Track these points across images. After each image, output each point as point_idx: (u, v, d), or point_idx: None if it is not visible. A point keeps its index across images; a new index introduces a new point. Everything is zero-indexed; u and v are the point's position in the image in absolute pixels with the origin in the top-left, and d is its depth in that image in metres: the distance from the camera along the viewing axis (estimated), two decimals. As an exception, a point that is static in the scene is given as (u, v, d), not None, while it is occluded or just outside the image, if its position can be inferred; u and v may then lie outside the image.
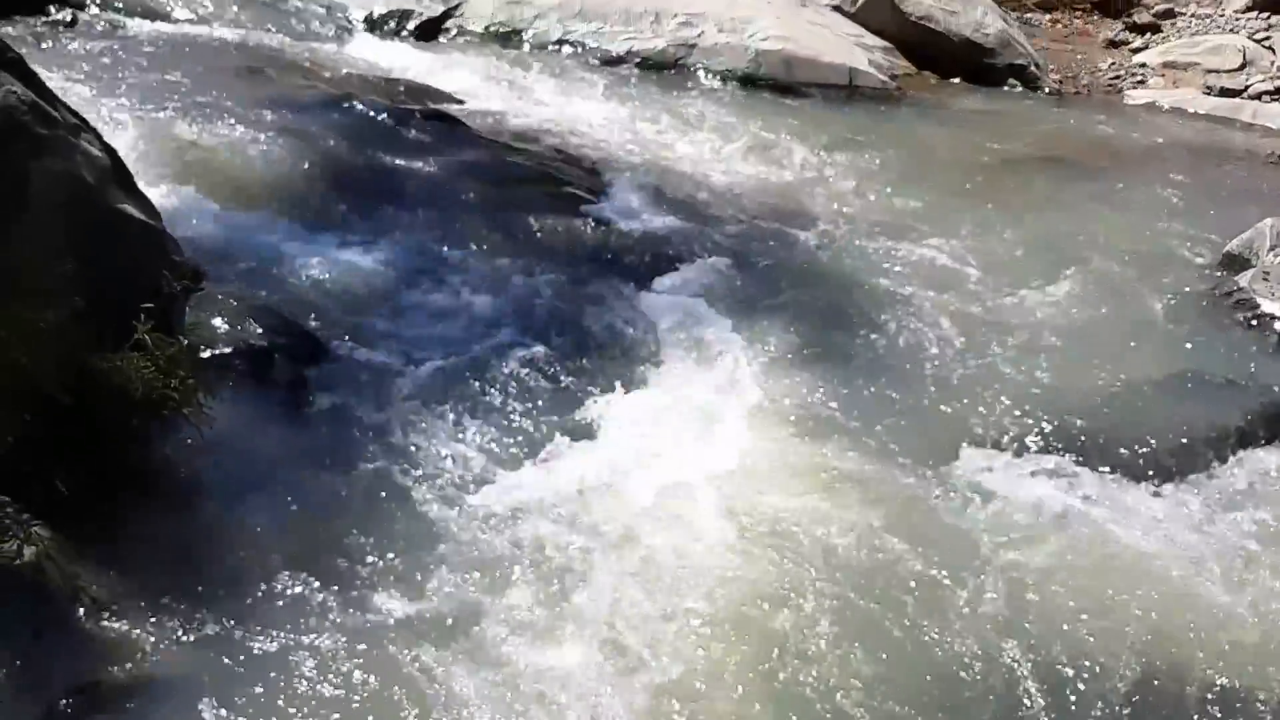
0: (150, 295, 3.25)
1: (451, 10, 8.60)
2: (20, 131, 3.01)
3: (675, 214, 5.59)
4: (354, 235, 4.77)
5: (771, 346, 4.40)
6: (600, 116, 7.17)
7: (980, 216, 6.00)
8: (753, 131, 7.14)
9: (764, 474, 3.63)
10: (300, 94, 6.25)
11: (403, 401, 3.70)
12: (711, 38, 8.42)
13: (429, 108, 6.55)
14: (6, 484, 2.66)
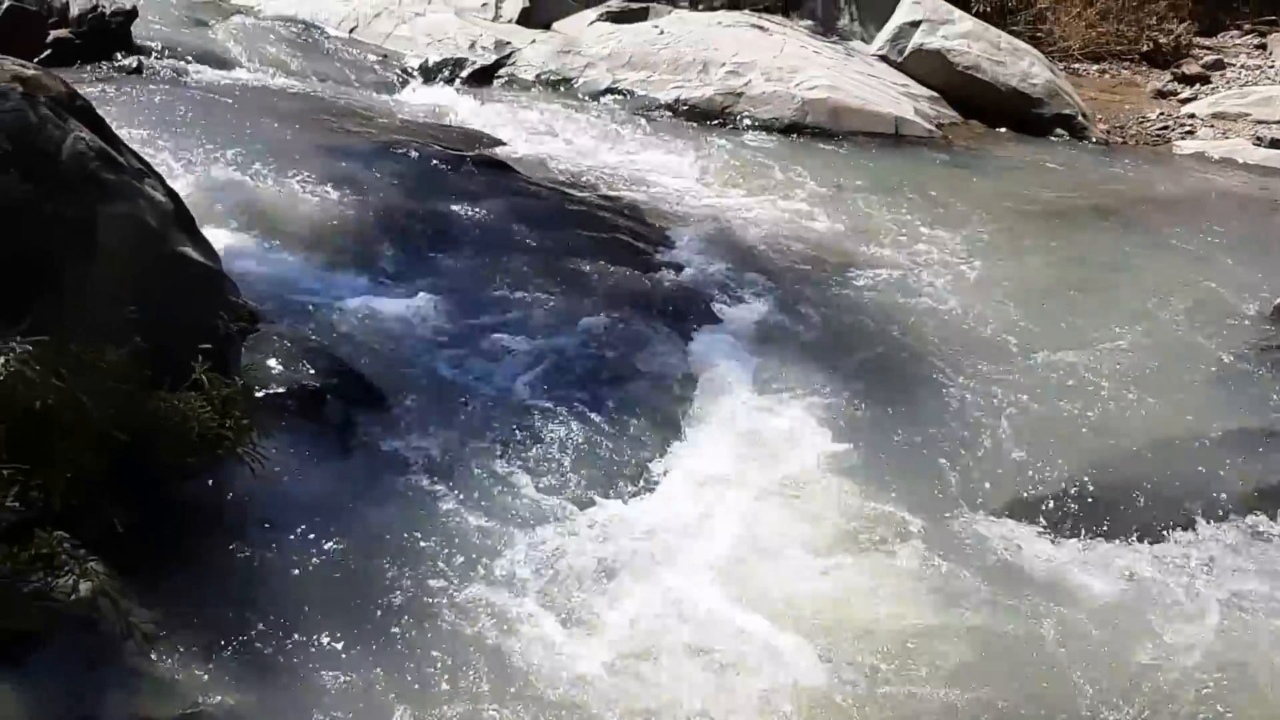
0: (208, 336, 3.34)
1: (504, 59, 8.77)
2: (88, 178, 3.13)
3: (723, 259, 5.62)
4: (406, 279, 4.84)
5: (819, 397, 4.40)
6: (649, 163, 7.25)
7: (1027, 266, 5.99)
8: (800, 179, 7.19)
9: (809, 532, 3.61)
10: (356, 141, 6.39)
11: (451, 444, 3.74)
12: (759, 86, 8.50)
13: (480, 154, 6.67)
14: (65, 520, 2.72)
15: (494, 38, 8.97)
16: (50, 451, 2.68)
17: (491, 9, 9.58)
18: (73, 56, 6.85)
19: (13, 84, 3.09)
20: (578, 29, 9.52)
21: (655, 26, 9.29)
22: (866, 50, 9.63)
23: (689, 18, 9.56)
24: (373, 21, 9.12)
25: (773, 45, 8.96)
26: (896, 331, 5.05)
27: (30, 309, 2.85)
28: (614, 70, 8.77)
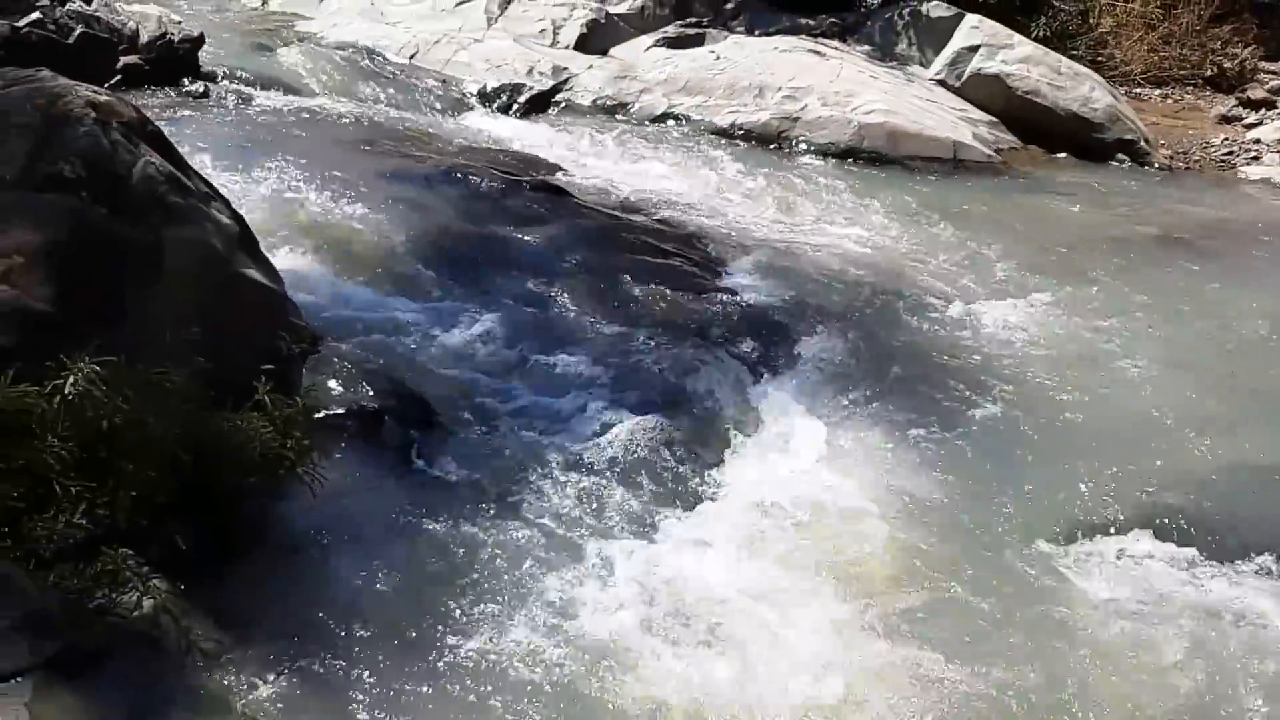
0: (270, 357, 3.39)
1: (561, 85, 8.83)
2: (157, 201, 3.19)
3: (779, 285, 5.59)
4: (463, 302, 4.88)
5: (876, 424, 4.36)
6: (704, 188, 7.26)
7: (1089, 293, 5.89)
8: (856, 204, 7.15)
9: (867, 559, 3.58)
10: (416, 165, 6.47)
11: (507, 467, 3.76)
12: (815, 111, 8.48)
13: (537, 179, 6.71)
14: (130, 538, 2.76)
15: (551, 63, 9.04)
16: (117, 470, 2.73)
17: (549, 35, 9.65)
18: (142, 82, 7.00)
19: (86, 110, 3.17)
20: (634, 55, 9.56)
21: (711, 52, 9.30)
22: (924, 75, 9.57)
23: (746, 43, 9.56)
24: (432, 48, 9.22)
25: (830, 70, 8.93)
26: (956, 359, 4.99)
27: (99, 330, 2.91)
28: (670, 95, 8.80)
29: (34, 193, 2.96)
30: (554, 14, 9.85)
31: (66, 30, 6.94)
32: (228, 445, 2.98)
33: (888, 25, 10.06)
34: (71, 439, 2.66)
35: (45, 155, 3.03)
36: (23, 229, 2.90)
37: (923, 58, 9.77)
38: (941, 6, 10.02)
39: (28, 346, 2.74)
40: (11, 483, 2.58)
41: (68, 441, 2.65)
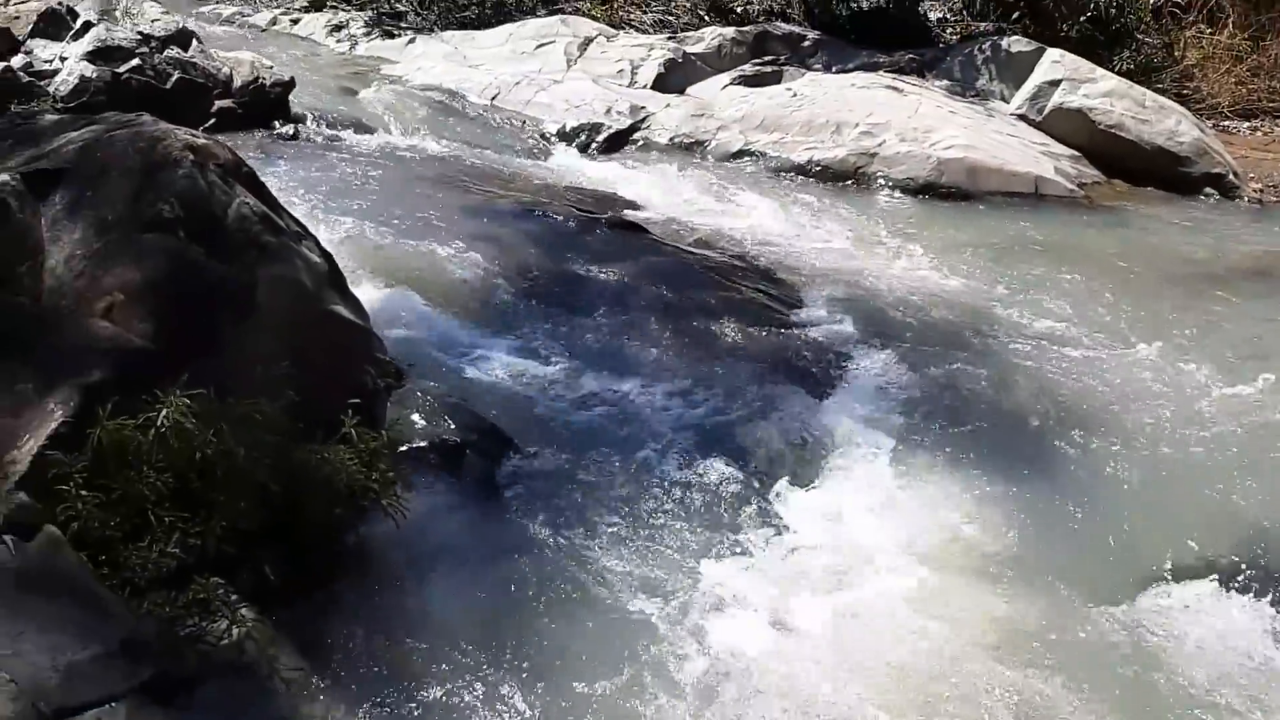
0: (357, 391, 3.47)
1: (638, 124, 8.93)
2: (251, 240, 3.30)
3: (856, 321, 5.56)
4: (542, 337, 4.93)
5: (955, 465, 4.28)
6: (780, 224, 7.26)
7: (1175, 331, 5.73)
8: (935, 239, 7.09)
9: (945, 605, 3.52)
10: (496, 203, 6.58)
11: (586, 499, 3.78)
12: (893, 147, 8.44)
13: (614, 215, 6.78)
14: (221, 568, 2.84)
15: (629, 103, 9.15)
16: (209, 500, 2.81)
17: (627, 75, 9.78)
18: (235, 124, 7.23)
19: (185, 153, 3.30)
20: (711, 93, 9.63)
21: (788, 89, 9.33)
22: (1005, 110, 9.48)
23: (823, 80, 9.57)
24: (513, 89, 9.40)
25: (908, 105, 8.90)
26: (1039, 399, 4.88)
27: (194, 364, 3.01)
28: (746, 132, 8.84)
29: (135, 233, 3.08)
30: (632, 55, 9.99)
31: (164, 76, 7.22)
32: (315, 477, 3.05)
33: (967, 60, 10.01)
34: (166, 470, 2.75)
35: (146, 197, 3.16)
36: (124, 267, 3.02)
37: (1003, 92, 9.69)
38: (1022, 41, 9.95)
39: (127, 380, 2.84)
40: (110, 512, 2.68)
41: (163, 472, 2.74)
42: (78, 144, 3.32)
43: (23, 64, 6.85)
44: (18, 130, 3.62)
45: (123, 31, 7.29)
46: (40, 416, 2.73)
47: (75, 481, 2.66)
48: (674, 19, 11.75)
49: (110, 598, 2.53)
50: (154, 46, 7.31)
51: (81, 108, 6.45)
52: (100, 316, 2.94)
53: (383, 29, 10.99)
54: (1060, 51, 9.60)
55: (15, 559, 2.51)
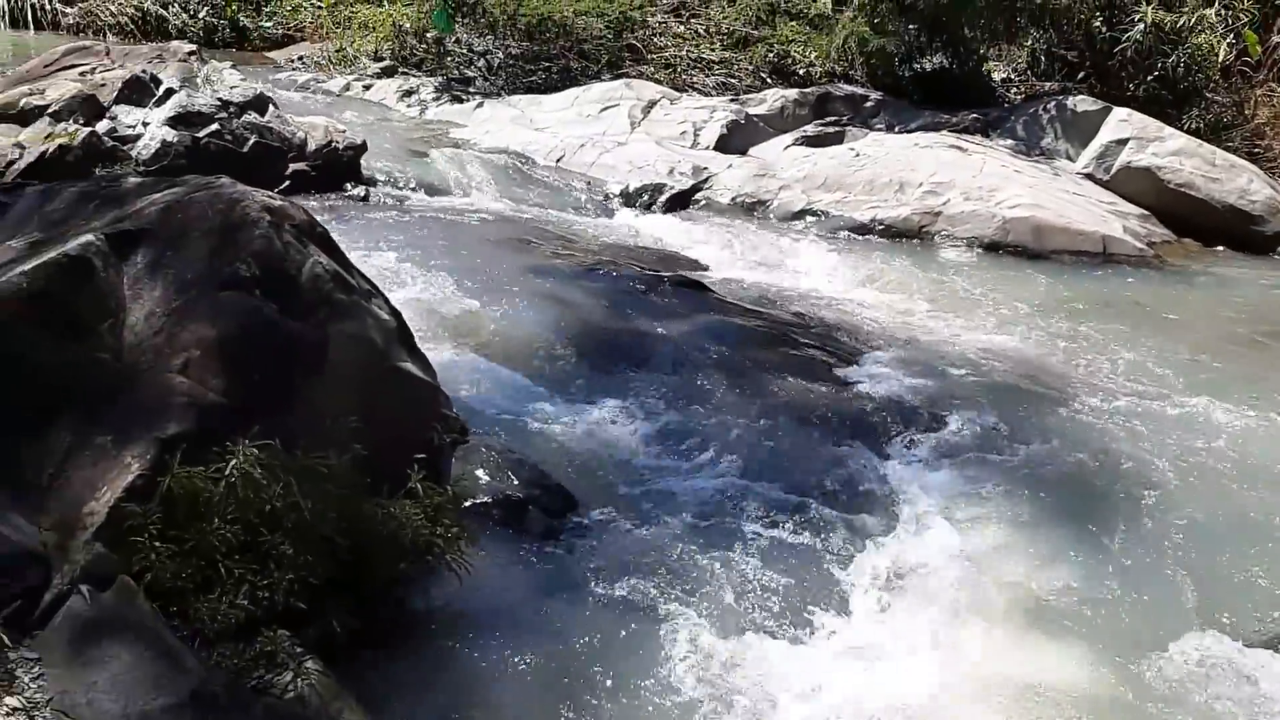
0: (423, 446, 3.51)
1: (701, 184, 9.01)
2: (324, 299, 3.38)
3: (920, 380, 5.51)
4: (606, 393, 4.96)
5: (1018, 527, 4.22)
6: (843, 283, 7.26)
7: (1246, 394, 5.60)
8: (1000, 298, 7.03)
9: (1011, 662, 3.45)
10: (559, 262, 6.66)
11: (647, 557, 3.77)
12: (957, 205, 8.42)
13: (677, 275, 6.82)
14: (286, 619, 2.87)
15: (692, 164, 9.25)
16: (277, 554, 2.85)
17: (690, 137, 9.90)
18: (308, 186, 7.44)
19: (262, 214, 3.40)
20: (773, 153, 9.71)
21: (851, 149, 9.38)
22: (1071, 168, 9.43)
23: (886, 140, 9.61)
24: (578, 151, 9.56)
25: (972, 165, 8.89)
26: (1107, 459, 4.79)
27: (266, 418, 3.08)
28: (809, 192, 8.88)
29: (213, 291, 3.17)
30: (694, 116, 10.12)
31: (242, 140, 7.46)
32: (381, 531, 3.09)
33: (1031, 120, 9.99)
34: (236, 521, 2.80)
35: (224, 256, 3.25)
36: (201, 324, 3.11)
37: (1069, 152, 9.65)
38: (1087, 100, 9.92)
39: (202, 434, 2.91)
40: (182, 563, 2.73)
41: (233, 524, 2.79)
42: (159, 205, 3.43)
43: (107, 129, 7.12)
44: (102, 193, 3.75)
45: (203, 98, 7.56)
46: (118, 469, 2.81)
47: (149, 533, 2.72)
48: (737, 81, 11.90)
49: (181, 648, 2.57)
50: (232, 112, 7.57)
51: (162, 171, 6.68)
52: (177, 372, 3.02)
53: (452, 94, 11.26)
54: (1127, 110, 9.55)
55: (91, 608, 2.57)
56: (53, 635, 2.55)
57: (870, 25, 11.33)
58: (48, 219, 3.61)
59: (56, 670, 2.48)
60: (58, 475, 2.81)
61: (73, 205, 3.66)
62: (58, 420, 2.87)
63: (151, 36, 12.40)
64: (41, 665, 2.50)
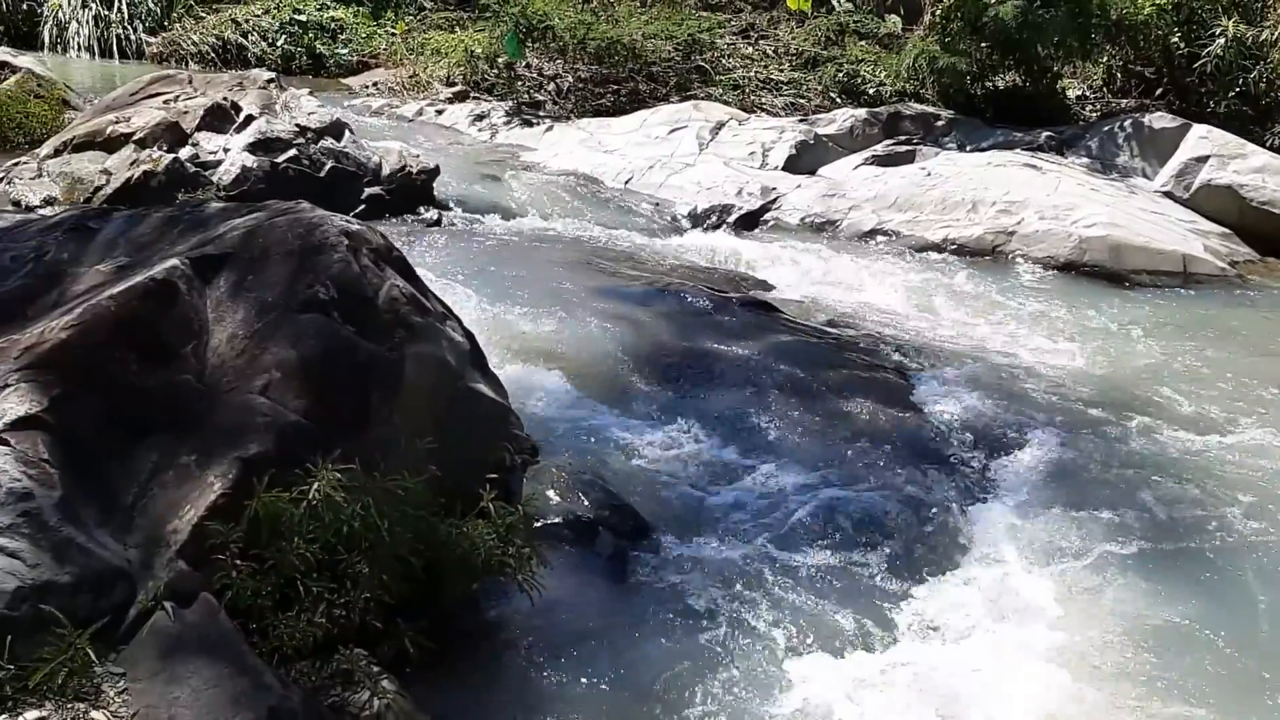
0: (495, 467, 3.54)
1: (769, 204, 9.00)
2: (400, 321, 3.43)
3: (993, 401, 5.43)
4: (674, 415, 4.96)
5: (1095, 553, 4.13)
6: (914, 303, 7.18)
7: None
8: (1076, 319, 6.91)
9: (1096, 692, 3.36)
10: (629, 283, 6.69)
11: (716, 579, 3.75)
12: (1032, 225, 8.30)
13: (745, 295, 6.82)
14: (362, 638, 2.91)
15: (760, 184, 9.24)
16: (354, 573, 2.89)
17: (759, 158, 9.89)
18: (383, 210, 7.57)
19: (340, 238, 3.47)
20: (843, 173, 9.66)
21: (922, 168, 9.30)
22: (1148, 187, 9.24)
23: (958, 159, 9.52)
24: (646, 173, 9.61)
25: (1047, 183, 8.76)
26: (1184, 482, 4.68)
27: (344, 439, 3.12)
28: (879, 211, 8.82)
29: (293, 313, 3.23)
30: (763, 137, 10.12)
31: (319, 165, 7.62)
32: (455, 551, 3.11)
33: (1108, 138, 9.83)
34: (315, 541, 2.84)
35: (303, 279, 3.32)
36: (281, 346, 3.17)
37: (1146, 170, 9.47)
38: (1165, 118, 9.73)
39: (283, 454, 2.96)
40: (262, 581, 2.77)
41: (312, 543, 2.83)
42: (241, 230, 3.51)
43: (190, 155, 7.31)
44: (186, 217, 3.85)
45: (281, 124, 7.73)
46: (200, 488, 2.87)
47: (231, 551, 2.77)
48: (805, 102, 11.88)
49: (260, 666, 2.61)
50: (310, 137, 7.73)
51: (242, 196, 6.85)
52: (258, 393, 3.08)
53: (522, 118, 11.40)
54: (1207, 127, 9.35)
55: (174, 625, 2.63)
56: (137, 650, 2.60)
57: (941, 44, 11.24)
58: (134, 243, 3.71)
59: (140, 685, 2.54)
60: (143, 494, 2.88)
61: (158, 229, 3.76)
62: (144, 441, 2.95)
63: (231, 65, 12.73)
64: (126, 680, 2.55)
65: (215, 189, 7.09)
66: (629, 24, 12.40)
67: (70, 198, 6.84)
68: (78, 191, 6.93)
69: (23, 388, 2.85)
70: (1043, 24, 10.16)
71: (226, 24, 13.54)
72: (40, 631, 2.49)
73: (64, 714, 2.41)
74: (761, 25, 13.50)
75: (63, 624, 2.50)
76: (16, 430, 2.76)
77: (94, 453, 2.87)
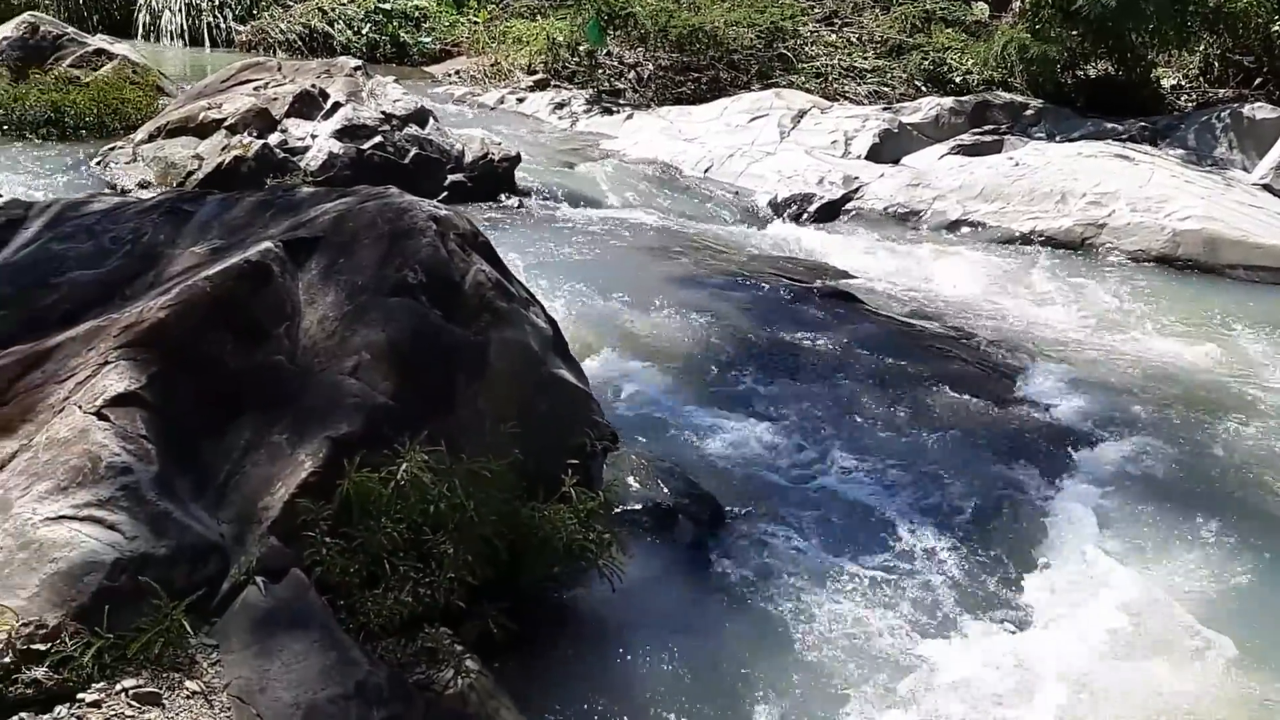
0: (575, 453, 3.55)
1: (851, 194, 8.90)
2: (485, 305, 3.46)
3: (1084, 397, 5.31)
4: (753, 404, 4.93)
5: (1190, 554, 4.01)
6: (1001, 295, 7.05)
7: None
8: (1170, 313, 6.72)
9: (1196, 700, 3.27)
10: (707, 272, 6.67)
11: (796, 569, 3.72)
12: (1124, 217, 8.09)
13: (826, 284, 6.75)
14: (445, 617, 2.93)
15: (842, 173, 9.14)
16: (438, 553, 2.92)
17: (841, 146, 9.79)
18: (465, 197, 7.64)
19: (428, 223, 3.50)
20: (927, 163, 9.52)
21: (1010, 158, 9.12)
22: (1246, 179, 8.95)
23: (1047, 149, 9.31)
24: (726, 162, 9.56)
25: (1139, 175, 8.53)
26: (1285, 483, 4.54)
27: (430, 420, 3.16)
28: (964, 202, 8.67)
29: (382, 296, 3.27)
30: (846, 125, 10.01)
31: (403, 152, 7.71)
32: (537, 535, 3.13)
33: (1204, 128, 9.54)
34: (402, 521, 2.88)
35: (392, 263, 3.36)
36: (371, 328, 3.21)
37: (1244, 162, 9.18)
38: (1265, 108, 9.42)
39: (371, 434, 3.00)
40: (350, 559, 2.82)
41: (399, 523, 2.87)
42: (332, 214, 3.57)
43: (279, 141, 7.45)
44: (278, 201, 3.92)
45: (368, 111, 7.84)
46: (292, 467, 2.92)
47: (320, 528, 2.82)
48: (890, 90, 11.72)
49: (348, 641, 2.65)
50: (395, 125, 7.83)
51: (328, 181, 6.96)
52: (348, 374, 3.13)
53: (602, 106, 11.42)
54: (1311, 117, 9.03)
55: (266, 599, 2.68)
56: (230, 623, 2.66)
57: (1031, 31, 10.99)
58: (228, 226, 3.79)
59: (233, 657, 2.59)
60: (236, 471, 2.94)
61: (251, 213, 3.84)
62: (237, 419, 3.01)
63: (317, 52, 12.95)
64: (219, 652, 2.61)
65: (302, 174, 7.22)
66: (711, 11, 12.34)
67: (164, 181, 7.02)
68: (171, 176, 7.11)
69: (122, 365, 2.92)
70: (1139, 10, 9.87)
71: (313, 12, 13.78)
72: (138, 602, 2.56)
73: (160, 683, 2.47)
74: (845, 12, 13.34)
75: (159, 595, 2.56)
76: (116, 406, 2.84)
77: (189, 429, 2.94)
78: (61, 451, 2.73)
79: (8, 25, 9.03)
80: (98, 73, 8.81)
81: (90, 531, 2.60)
